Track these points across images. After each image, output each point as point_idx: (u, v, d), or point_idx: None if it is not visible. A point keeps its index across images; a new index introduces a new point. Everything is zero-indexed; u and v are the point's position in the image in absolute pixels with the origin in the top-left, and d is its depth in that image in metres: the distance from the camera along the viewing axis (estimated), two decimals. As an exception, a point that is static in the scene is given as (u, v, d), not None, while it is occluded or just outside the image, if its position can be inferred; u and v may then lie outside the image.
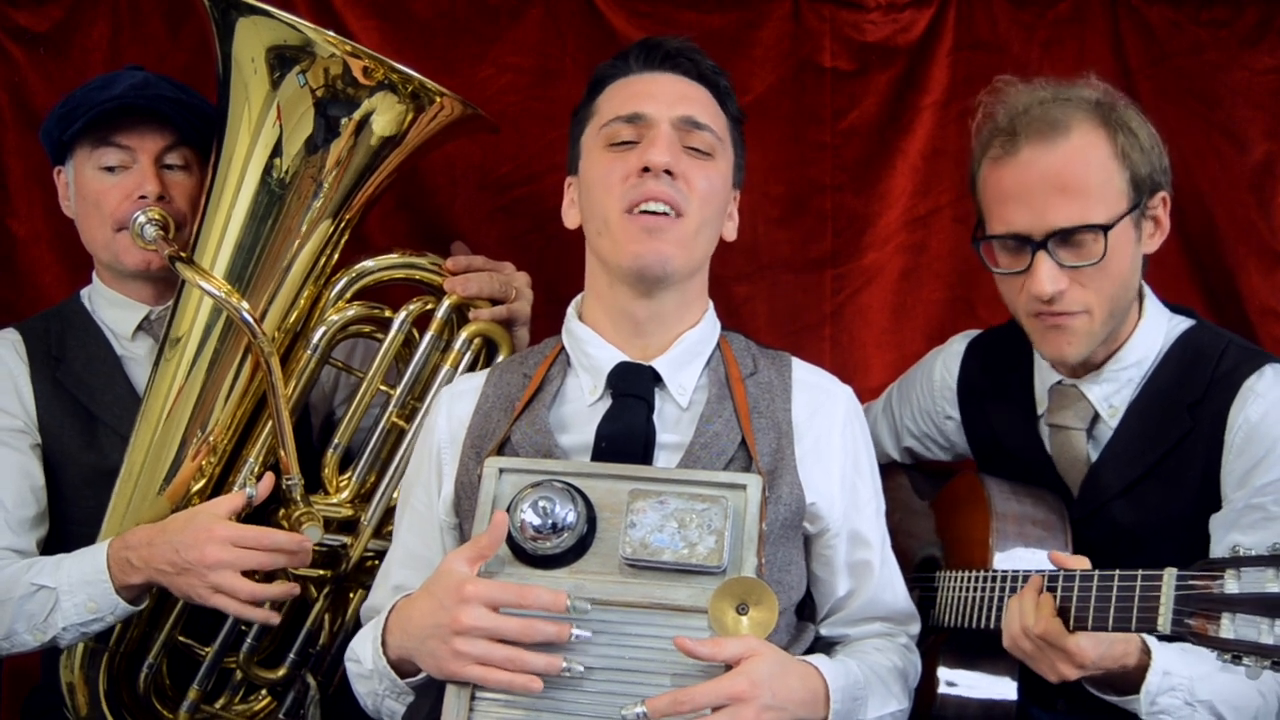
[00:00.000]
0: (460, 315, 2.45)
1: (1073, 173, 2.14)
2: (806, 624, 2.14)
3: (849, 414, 2.17)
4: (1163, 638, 1.82)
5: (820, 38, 2.86)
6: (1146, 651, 1.94)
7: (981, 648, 2.22)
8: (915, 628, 2.22)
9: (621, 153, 2.07)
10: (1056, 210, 2.14)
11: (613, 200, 2.05)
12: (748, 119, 2.25)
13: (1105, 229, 2.13)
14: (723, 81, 2.18)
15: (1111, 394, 2.29)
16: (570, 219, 2.20)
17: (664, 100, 2.08)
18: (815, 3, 2.85)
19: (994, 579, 2.16)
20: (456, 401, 2.19)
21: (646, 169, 2.02)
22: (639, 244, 2.02)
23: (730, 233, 2.21)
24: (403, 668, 1.96)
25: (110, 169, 2.42)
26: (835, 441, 2.11)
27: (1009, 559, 2.23)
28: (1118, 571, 1.86)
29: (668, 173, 2.02)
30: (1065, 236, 2.14)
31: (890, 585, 2.18)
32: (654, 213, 2.02)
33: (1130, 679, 1.95)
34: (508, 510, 1.89)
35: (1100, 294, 2.18)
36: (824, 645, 2.16)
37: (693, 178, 2.05)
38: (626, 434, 2.01)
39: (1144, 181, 2.18)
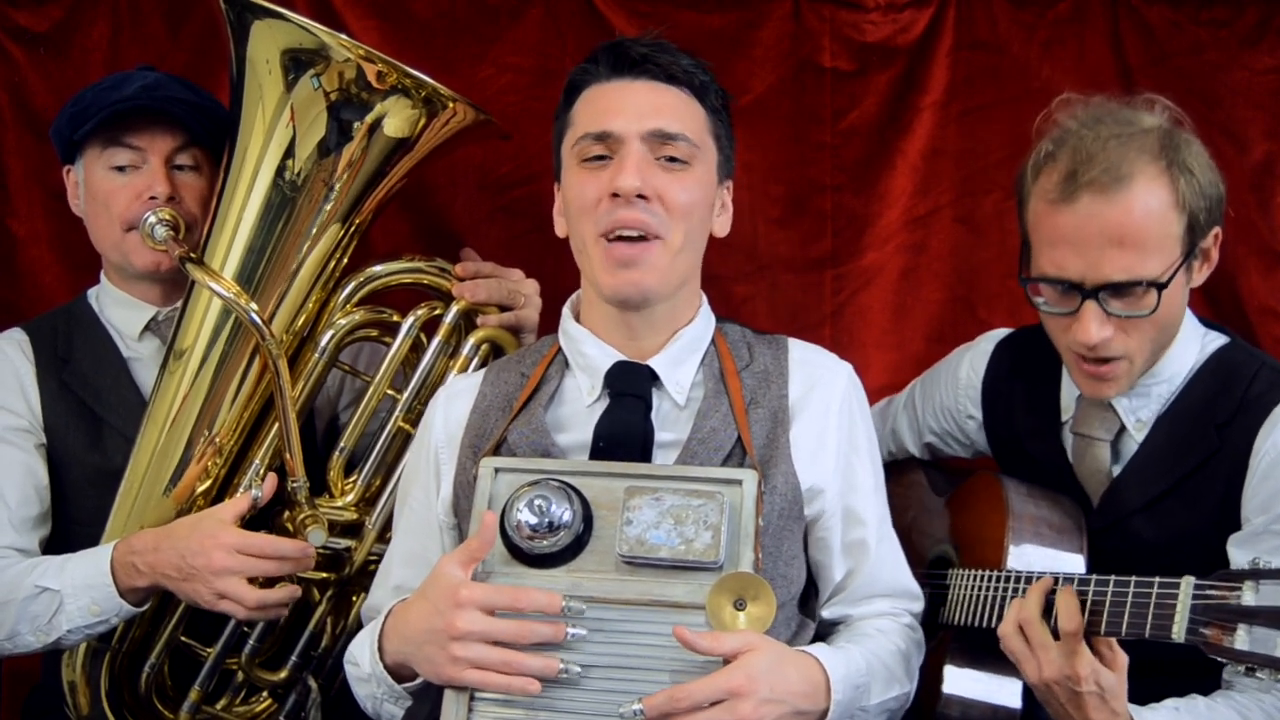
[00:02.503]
0: (468, 321, 2.46)
1: (1132, 227, 2.07)
2: (807, 619, 2.13)
3: (847, 391, 2.15)
4: (1177, 646, 1.80)
5: (820, 38, 2.86)
6: None
7: (990, 649, 2.21)
8: (918, 606, 2.21)
9: (593, 171, 2.04)
10: (1111, 263, 2.08)
11: (587, 224, 2.04)
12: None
13: (1160, 286, 2.09)
14: (699, 77, 2.11)
15: (1140, 408, 2.26)
16: (560, 227, 2.19)
17: (632, 114, 2.04)
18: (815, 3, 2.85)
19: (1007, 579, 2.16)
20: (453, 402, 2.18)
21: (616, 194, 1.99)
22: (614, 276, 2.02)
23: (722, 227, 2.18)
24: (400, 672, 1.96)
25: (121, 169, 2.42)
26: (832, 419, 2.11)
27: (1023, 559, 2.22)
28: (1134, 578, 1.86)
29: (641, 196, 1.99)
30: (1117, 288, 2.10)
31: (889, 562, 2.16)
32: (629, 238, 2.01)
33: None
34: (504, 510, 1.90)
35: (1144, 339, 2.15)
36: (827, 627, 2.16)
37: (669, 194, 2.02)
38: (625, 433, 2.01)
39: (1201, 226, 2.13)
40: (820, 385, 2.12)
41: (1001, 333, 2.59)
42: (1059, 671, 1.90)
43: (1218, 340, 2.29)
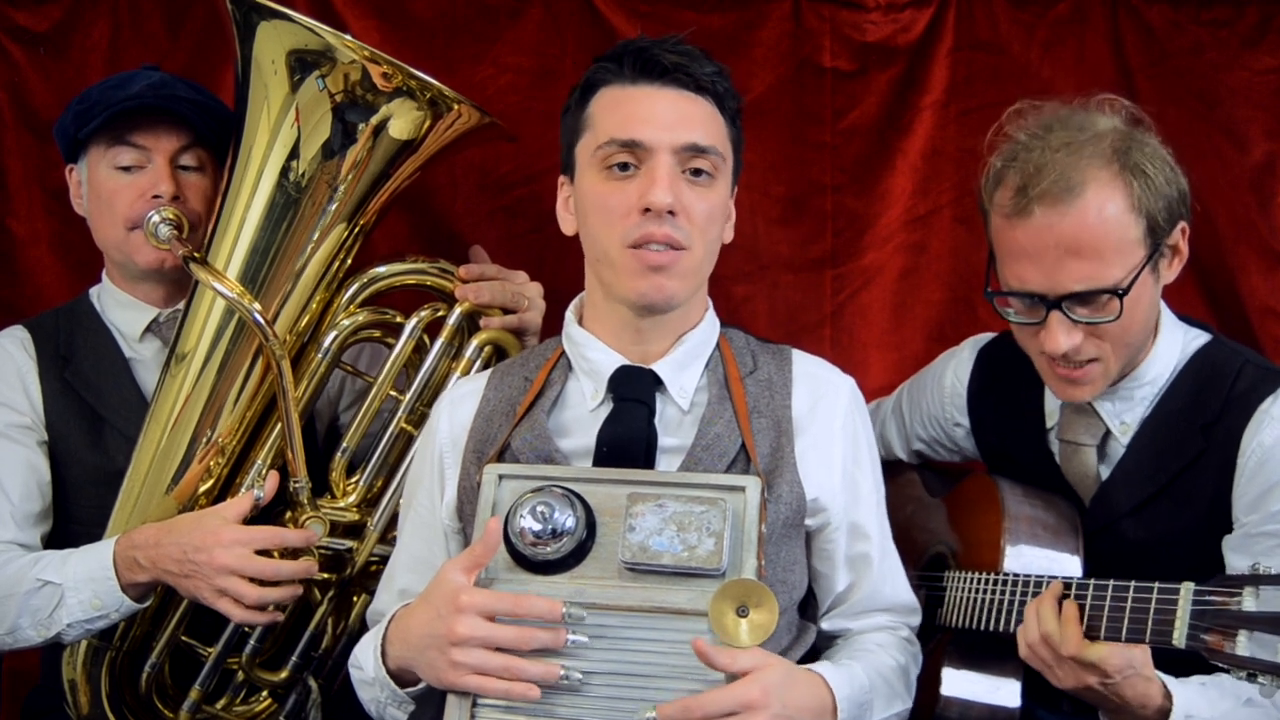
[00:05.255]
0: (471, 322, 2.45)
1: (1087, 235, 2.07)
2: (808, 624, 2.14)
3: (851, 405, 2.15)
4: (1176, 652, 1.81)
5: (820, 38, 2.86)
6: (1168, 695, 1.92)
7: (987, 650, 2.22)
8: (916, 620, 2.21)
9: (619, 181, 2.02)
10: (1070, 274, 2.08)
11: (613, 236, 2.02)
12: (745, 110, 2.22)
13: (1121, 294, 2.08)
14: (720, 84, 2.09)
15: (1124, 411, 2.26)
16: (566, 225, 2.17)
17: (663, 124, 2.01)
18: (815, 3, 2.85)
19: (1005, 582, 2.16)
20: (458, 406, 2.18)
21: (648, 209, 1.98)
22: (642, 280, 2.01)
23: (727, 234, 2.17)
24: (403, 677, 1.97)
25: (125, 168, 2.41)
26: (837, 434, 2.11)
27: (1020, 561, 2.22)
28: (1134, 583, 1.86)
29: (670, 212, 1.98)
30: (1080, 297, 2.10)
31: (890, 577, 2.17)
32: (656, 249, 1.99)
33: None
34: (507, 516, 1.90)
35: (1116, 343, 2.15)
36: (825, 639, 2.16)
37: (694, 210, 2.01)
38: (628, 438, 2.01)
39: (1161, 226, 2.12)
40: (824, 400, 2.12)
41: (985, 338, 2.58)
42: (1090, 676, 1.91)
43: (1199, 339, 2.28)
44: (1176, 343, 2.26)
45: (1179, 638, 1.78)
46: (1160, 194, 2.11)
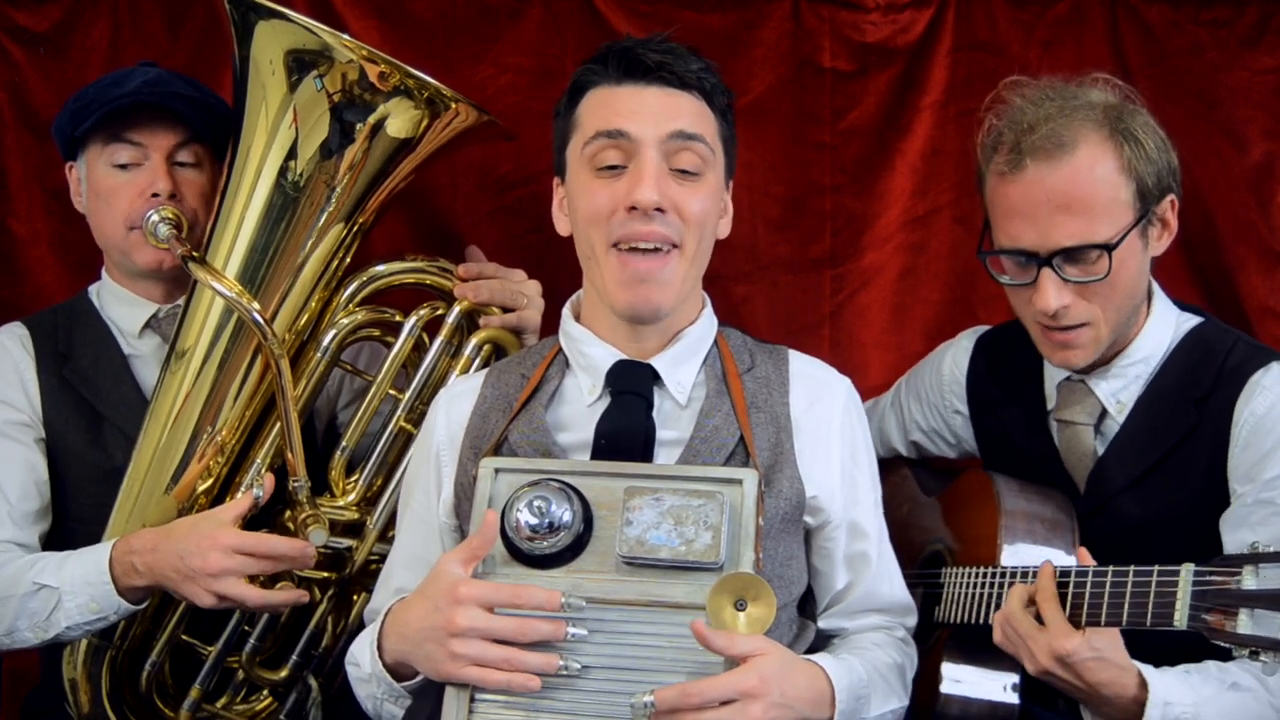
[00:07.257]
0: (470, 321, 2.46)
1: (1078, 192, 2.13)
2: (808, 622, 2.14)
3: (848, 405, 2.16)
4: (1179, 633, 1.81)
5: (820, 38, 2.86)
6: (1144, 684, 1.93)
7: (986, 646, 2.21)
8: (912, 620, 2.22)
9: (607, 180, 2.03)
10: (1061, 229, 2.14)
11: (599, 234, 2.02)
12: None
13: (1109, 249, 2.13)
14: (708, 80, 2.09)
15: (1119, 390, 2.29)
16: (562, 226, 2.18)
17: (649, 117, 2.02)
18: (815, 3, 2.85)
19: (1002, 575, 2.16)
20: (454, 403, 2.18)
21: (633, 207, 1.98)
22: (629, 291, 2.01)
23: (724, 229, 2.17)
24: (400, 671, 1.97)
25: (123, 166, 2.42)
26: (834, 434, 2.11)
27: (1017, 556, 2.23)
28: (1133, 567, 1.86)
29: (658, 209, 1.98)
30: (1070, 254, 2.15)
31: (887, 577, 2.17)
32: (644, 249, 2.00)
33: (1130, 711, 1.94)
34: (504, 510, 1.89)
35: (1106, 305, 2.19)
36: (822, 638, 2.16)
37: (685, 206, 2.01)
38: (626, 431, 2.01)
39: (1150, 191, 2.18)
40: (821, 400, 2.13)
41: (981, 329, 2.61)
42: (1051, 655, 1.92)
43: (1192, 319, 2.33)
44: (1169, 321, 2.31)
45: (1180, 619, 1.78)
46: (1150, 160, 2.18)
